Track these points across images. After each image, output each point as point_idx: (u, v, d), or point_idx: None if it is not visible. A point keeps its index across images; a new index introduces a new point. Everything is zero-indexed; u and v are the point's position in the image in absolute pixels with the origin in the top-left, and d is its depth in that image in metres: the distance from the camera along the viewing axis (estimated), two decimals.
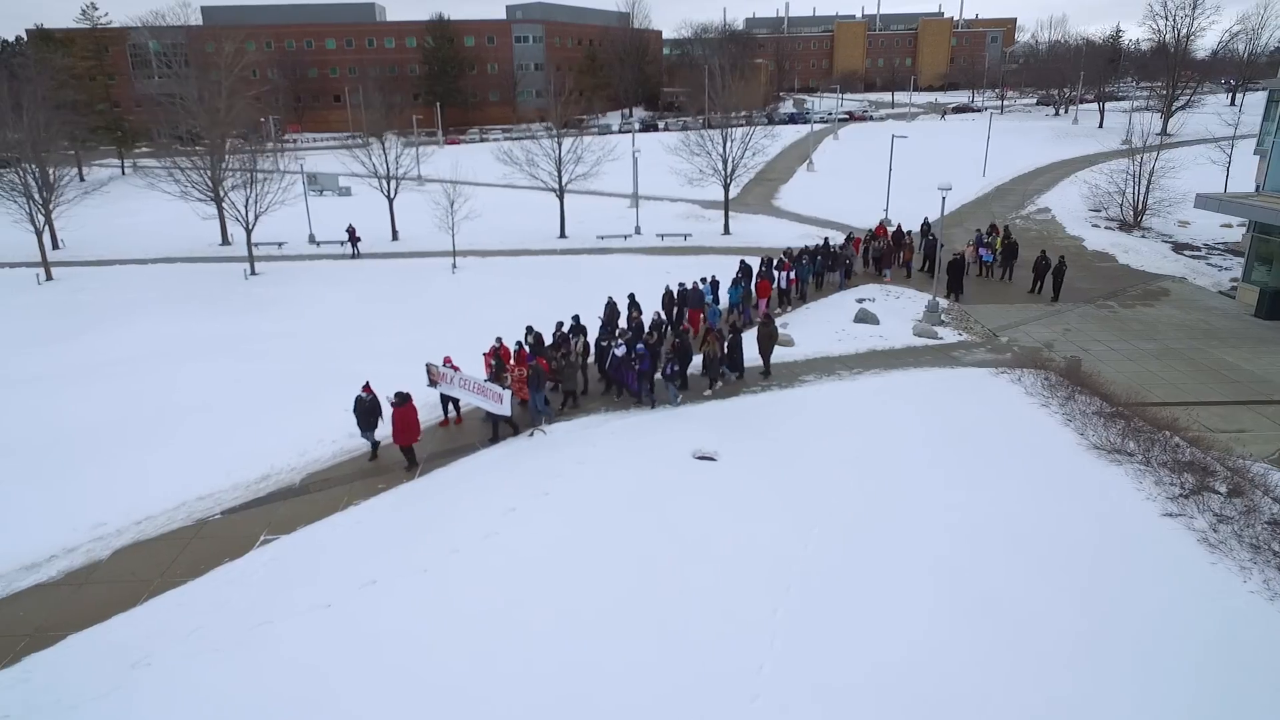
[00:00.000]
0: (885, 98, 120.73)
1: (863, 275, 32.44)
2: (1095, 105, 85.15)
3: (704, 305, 24.89)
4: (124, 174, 67.64)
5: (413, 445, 16.43)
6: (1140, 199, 40.59)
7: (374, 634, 11.20)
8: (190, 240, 38.95)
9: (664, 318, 24.25)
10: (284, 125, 73.33)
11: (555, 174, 38.71)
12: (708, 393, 20.40)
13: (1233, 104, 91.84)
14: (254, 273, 32.85)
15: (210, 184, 35.84)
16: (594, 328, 21.97)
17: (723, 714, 9.76)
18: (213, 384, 20.65)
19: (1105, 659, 10.57)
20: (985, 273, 32.61)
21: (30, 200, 32.85)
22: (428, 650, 10.85)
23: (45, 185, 33.70)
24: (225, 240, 38.31)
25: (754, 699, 10.02)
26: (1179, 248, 37.26)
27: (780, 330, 23.66)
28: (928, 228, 36.81)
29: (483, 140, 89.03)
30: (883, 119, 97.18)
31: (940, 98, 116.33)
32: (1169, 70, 67.60)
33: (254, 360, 22.42)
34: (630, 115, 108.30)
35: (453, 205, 32.41)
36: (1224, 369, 22.26)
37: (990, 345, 24.52)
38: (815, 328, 25.91)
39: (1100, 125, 77.27)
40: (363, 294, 29.75)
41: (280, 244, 37.00)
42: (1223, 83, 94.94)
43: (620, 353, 19.59)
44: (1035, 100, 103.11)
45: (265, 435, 17.23)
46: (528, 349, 19.96)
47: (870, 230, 36.32)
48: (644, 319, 22.52)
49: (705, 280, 26.05)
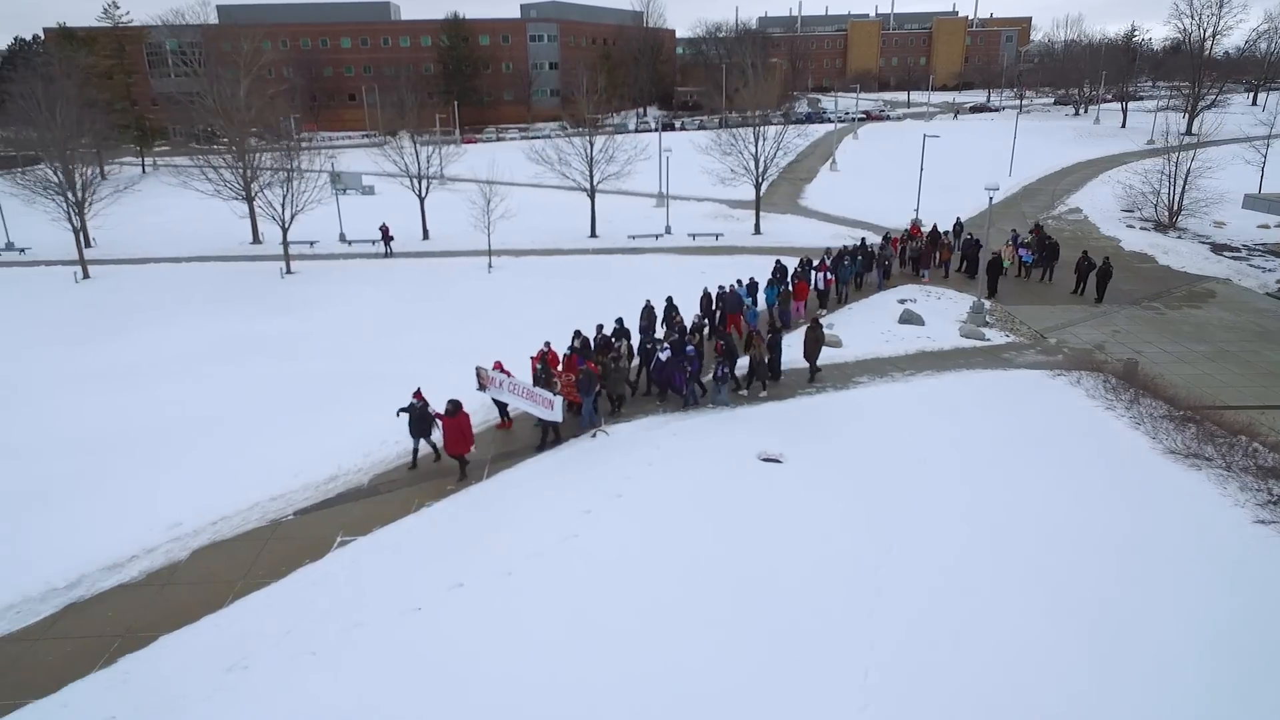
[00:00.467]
0: (899, 97, 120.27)
1: (899, 275, 32.23)
2: (1116, 105, 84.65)
3: (743, 308, 24.68)
4: (144, 172, 67.75)
5: (465, 455, 15.79)
6: (1176, 199, 40.22)
7: (467, 638, 11.07)
8: (220, 238, 38.91)
9: (704, 320, 24.11)
10: (302, 124, 73.31)
11: (587, 173, 38.53)
12: (744, 393, 20.19)
13: (1254, 104, 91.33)
14: (290, 271, 32.77)
15: (243, 182, 35.78)
16: (633, 331, 21.72)
17: None
18: (269, 383, 20.59)
19: (1233, 674, 10.34)
20: (1024, 273, 32.36)
21: (67, 199, 32.84)
22: (521, 655, 10.71)
23: (81, 184, 33.61)
24: (256, 239, 38.26)
25: (863, 709, 9.84)
26: (1218, 249, 36.90)
27: (827, 331, 23.50)
28: (960, 228, 36.62)
29: (499, 139, 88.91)
30: (900, 118, 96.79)
31: (956, 97, 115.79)
32: (1194, 69, 67.08)
33: (305, 360, 22.34)
34: (645, 114, 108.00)
35: (489, 205, 32.24)
36: None
37: (1040, 347, 24.30)
38: (861, 329, 25.71)
39: (1123, 125, 76.78)
40: (402, 293, 29.64)
41: (312, 243, 36.91)
42: (1243, 83, 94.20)
43: (665, 355, 19.45)
44: (1053, 100, 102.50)
45: (328, 435, 17.12)
46: (574, 353, 19.55)
47: (905, 230, 36.11)
48: (684, 322, 22.29)
49: (742, 282, 25.75)
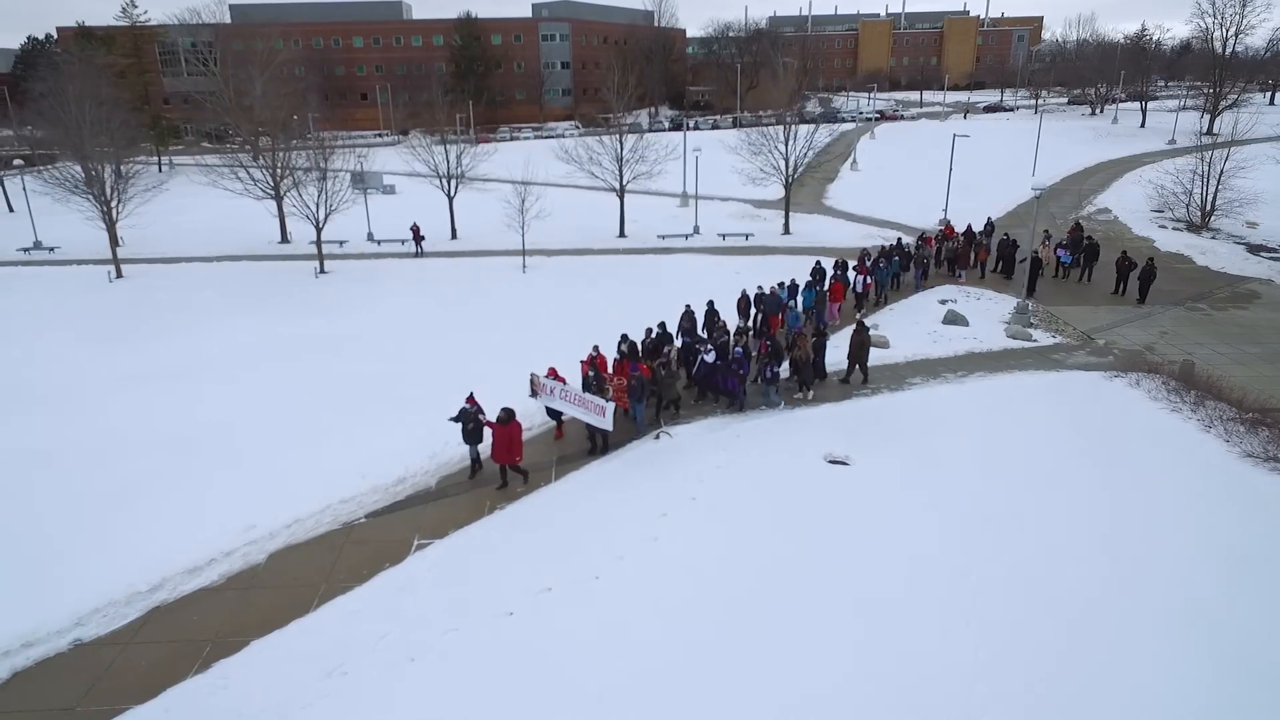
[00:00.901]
0: (911, 96, 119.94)
1: (935, 276, 31.99)
2: (1133, 104, 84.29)
3: (783, 309, 24.40)
4: (160, 171, 67.72)
5: (512, 465, 15.13)
6: (1209, 199, 39.93)
7: (563, 643, 10.89)
8: (247, 238, 38.77)
9: (746, 323, 23.88)
10: (318, 123, 73.30)
11: (617, 172, 38.34)
12: (797, 396, 19.96)
13: (1272, 103, 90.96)
14: (323, 271, 32.61)
15: (273, 181, 35.62)
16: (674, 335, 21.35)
17: None
18: (323, 384, 20.44)
19: None
20: (1063, 274, 32.11)
21: (102, 197, 32.71)
22: (617, 661, 10.53)
23: (112, 183, 33.47)
24: (285, 238, 38.10)
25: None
26: (1254, 249, 36.63)
27: (873, 332, 23.27)
28: (992, 228, 36.39)
29: (513, 139, 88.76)
30: (914, 118, 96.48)
31: (970, 97, 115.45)
32: (1216, 69, 66.76)
33: (356, 360, 22.18)
34: (656, 113, 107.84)
35: (523, 205, 32.06)
36: None
37: (1089, 348, 24.05)
38: (906, 329, 25.48)
39: (1142, 125, 76.46)
40: (441, 293, 29.46)
41: (341, 242, 36.73)
42: (1259, 83, 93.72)
43: (710, 358, 19.24)
44: (1067, 100, 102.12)
45: (390, 437, 16.94)
46: (623, 357, 19.18)
47: (939, 230, 35.89)
48: (726, 325, 22.00)
49: (784, 285, 25.46)
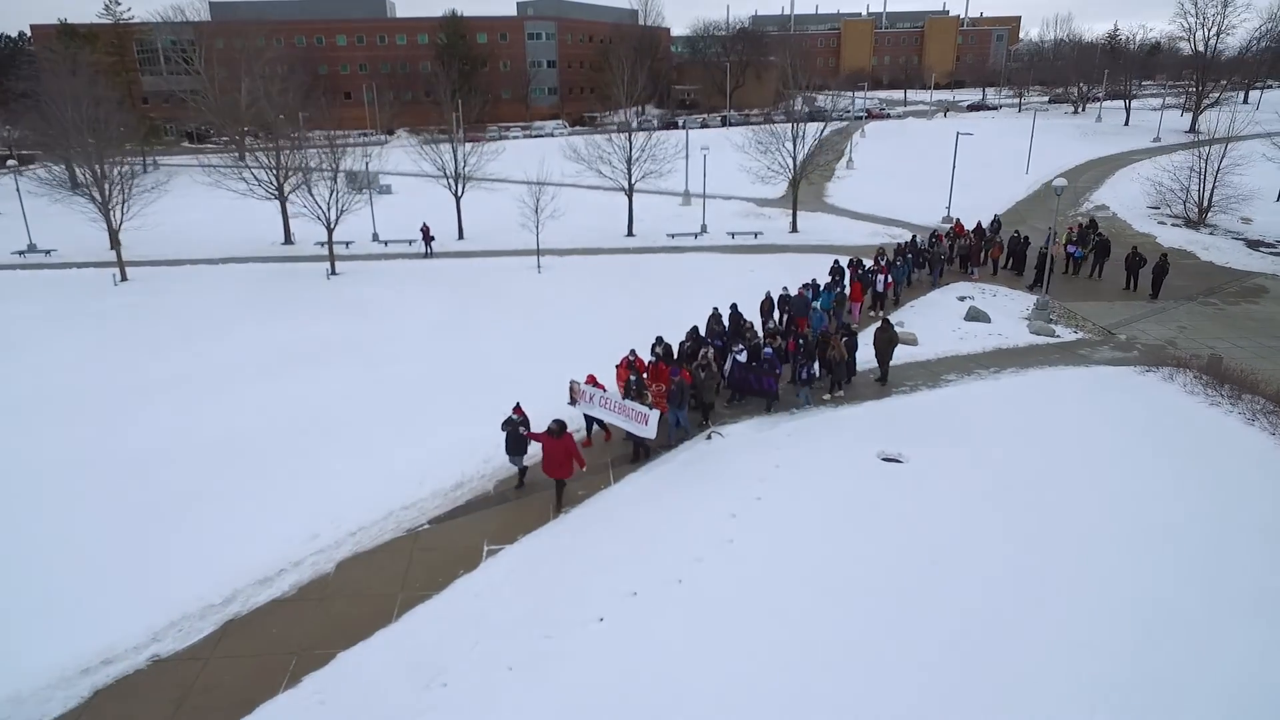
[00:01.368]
0: (895, 95, 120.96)
1: (948, 273, 32.19)
2: (1115, 103, 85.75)
3: (809, 311, 24.32)
4: (144, 170, 66.30)
5: (565, 479, 14.41)
6: (1207, 196, 40.67)
7: (655, 648, 10.71)
8: (249, 239, 37.99)
9: (769, 324, 23.75)
10: (308, 123, 72.39)
11: (625, 171, 38.16)
12: (826, 396, 19.91)
13: (1246, 102, 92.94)
14: (335, 272, 32.06)
15: (276, 182, 34.95)
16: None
17: None
18: (362, 388, 20.08)
19: None
20: (1073, 270, 32.47)
21: (103, 199, 31.89)
22: (712, 665, 10.39)
23: (111, 183, 32.62)
24: (288, 240, 37.40)
25: None
26: (1253, 244, 37.37)
27: (900, 329, 23.30)
28: (999, 224, 36.77)
29: (501, 138, 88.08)
30: (901, 116, 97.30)
31: (955, 95, 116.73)
32: (1198, 68, 68.10)
33: (390, 364, 21.79)
34: (643, 112, 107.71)
35: (538, 204, 31.79)
36: None
37: (1112, 344, 24.32)
38: (930, 326, 25.57)
39: (1126, 123, 77.83)
40: (460, 294, 29.09)
41: (348, 243, 36.16)
42: (1234, 82, 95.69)
43: (742, 358, 19.15)
44: (1048, 99, 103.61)
45: (440, 441, 16.62)
46: (660, 360, 18.68)
47: (950, 228, 36.15)
48: (754, 327, 21.81)
49: (809, 285, 25.38)
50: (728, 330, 21.86)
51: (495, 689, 10.05)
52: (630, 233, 39.35)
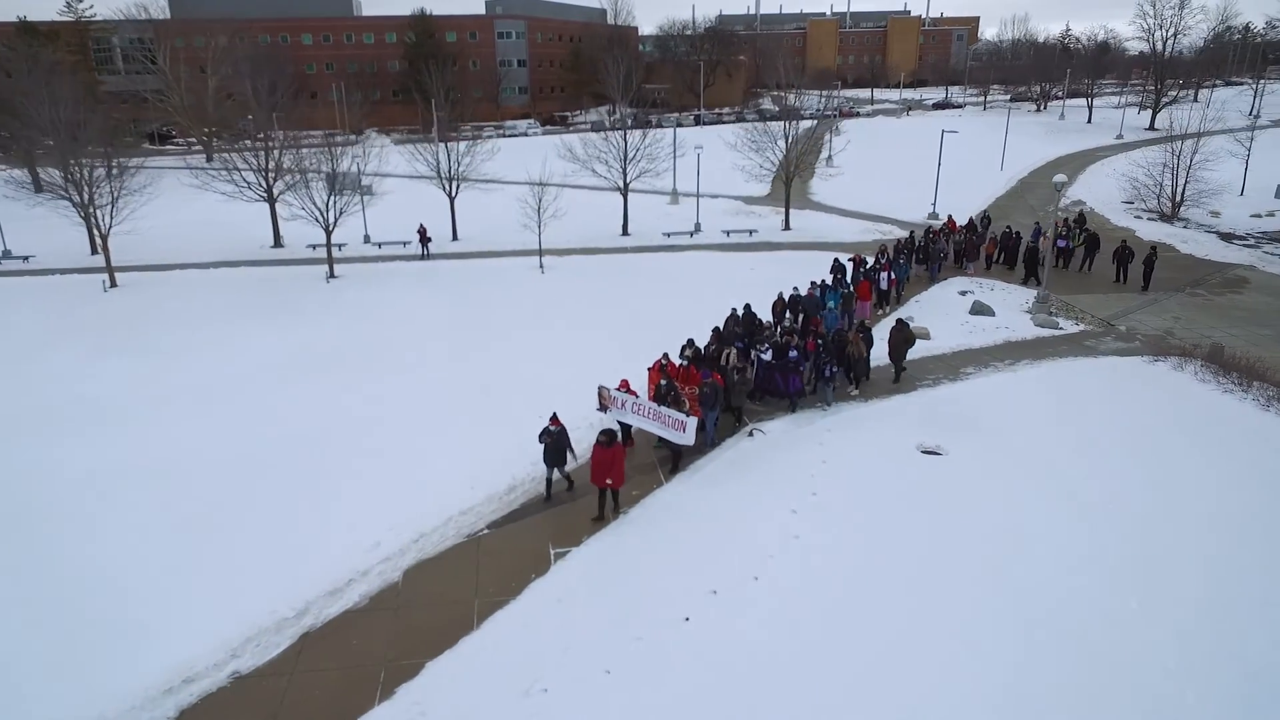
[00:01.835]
0: (862, 94, 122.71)
1: (944, 268, 32.78)
2: (1076, 101, 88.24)
3: (821, 310, 24.52)
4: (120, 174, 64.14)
5: (615, 491, 14.11)
6: (1179, 191, 42.09)
7: (749, 646, 10.74)
8: (236, 242, 36.98)
9: (782, 324, 23.90)
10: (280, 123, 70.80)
11: (621, 171, 38.09)
12: (854, 392, 20.14)
13: (1196, 100, 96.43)
14: (334, 276, 31.38)
15: (265, 184, 34.07)
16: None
17: None
18: (393, 394, 19.69)
19: None
20: (1063, 263, 33.31)
21: (85, 202, 30.73)
22: (811, 662, 10.47)
23: (94, 185, 31.47)
24: (278, 243, 36.49)
25: None
26: (1225, 237, 38.78)
27: (912, 324, 23.66)
28: (989, 220, 37.63)
29: (475, 138, 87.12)
30: (871, 115, 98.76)
31: (922, 95, 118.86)
32: (1156, 68, 70.45)
33: (407, 368, 21.45)
34: (614, 111, 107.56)
35: (540, 204, 31.56)
36: None
37: (1114, 334, 25.04)
38: (939, 321, 26.02)
39: (1089, 121, 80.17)
40: (468, 296, 28.70)
41: (340, 246, 35.34)
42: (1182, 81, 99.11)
43: (768, 358, 19.29)
44: (1010, 97, 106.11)
45: (485, 445, 16.43)
46: (691, 363, 18.40)
47: (943, 224, 36.82)
48: (772, 328, 21.91)
49: (817, 284, 25.53)
50: (745, 330, 21.98)
51: (597, 693, 9.97)
52: (625, 232, 39.29)
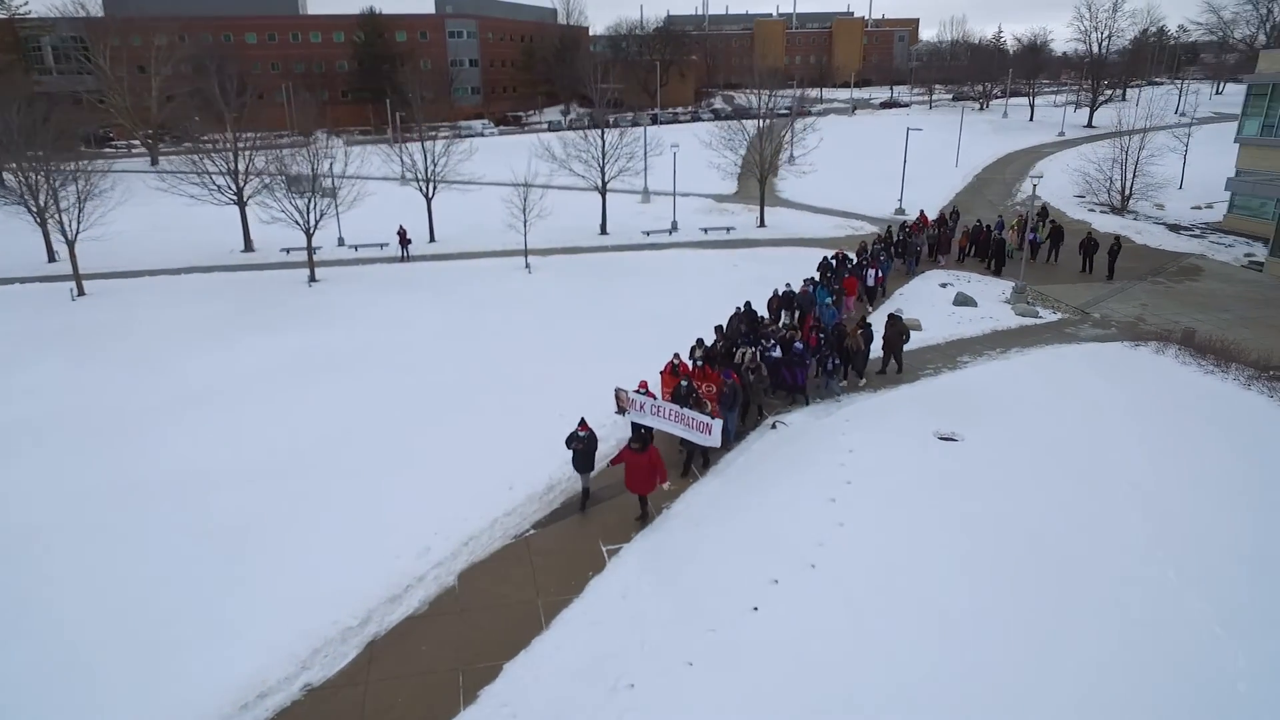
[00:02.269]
0: (811, 94, 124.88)
1: (922, 262, 33.76)
2: (1018, 100, 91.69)
3: (817, 307, 25.00)
4: (75, 178, 61.13)
5: (647, 496, 13.93)
6: (1128, 185, 44.23)
7: (821, 633, 10.95)
8: (204, 247, 35.67)
9: (792, 320, 24.31)
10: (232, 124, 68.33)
11: (600, 170, 38.08)
12: (862, 383, 20.69)
13: (1124, 99, 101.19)
14: (315, 279, 30.54)
15: (235, 187, 32.96)
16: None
17: None
18: (398, 396, 19.35)
19: None
20: (1031, 255, 34.59)
21: (46, 209, 29.22)
22: (883, 647, 10.73)
23: (52, 191, 29.99)
24: (249, 247, 35.31)
25: None
26: (1173, 228, 40.85)
27: (904, 317, 24.31)
28: (957, 215, 38.90)
29: (434, 138, 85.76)
30: (823, 114, 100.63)
31: (871, 95, 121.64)
32: (1093, 67, 73.76)
33: (420, 371, 21.05)
34: (569, 111, 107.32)
35: (525, 204, 31.35)
36: None
37: (1090, 322, 26.17)
38: (926, 313, 26.78)
39: (1031, 119, 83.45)
40: (458, 297, 28.33)
41: (315, 249, 34.45)
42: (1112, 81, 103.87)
43: (777, 354, 19.65)
44: (952, 96, 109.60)
45: (517, 445, 16.27)
46: (706, 363, 18.26)
47: (915, 220, 37.88)
48: (773, 327, 22.23)
49: (810, 281, 25.95)
50: (747, 328, 22.26)
51: (683, 686, 10.04)
52: (604, 231, 39.30)
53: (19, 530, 13.87)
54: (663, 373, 17.90)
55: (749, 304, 22.81)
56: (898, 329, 21.52)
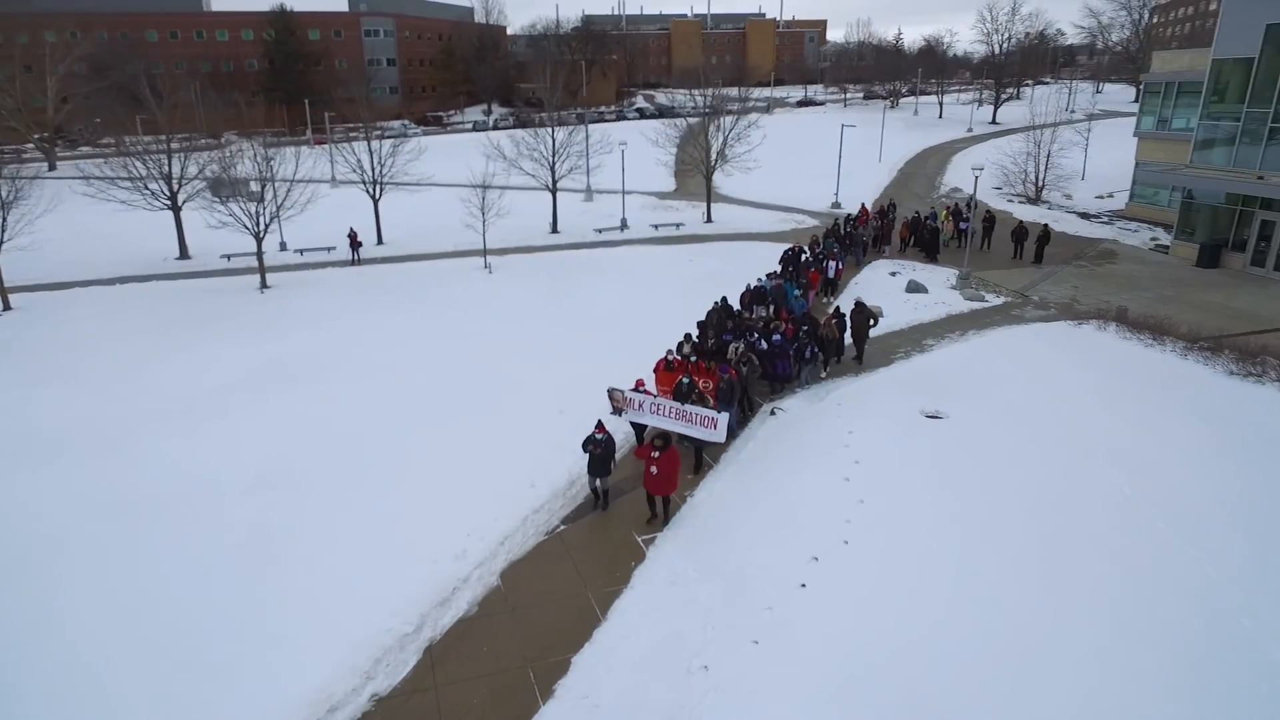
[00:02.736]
0: (729, 93, 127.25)
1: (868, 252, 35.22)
2: (927, 98, 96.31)
3: (789, 299, 25.79)
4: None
5: (668, 497, 13.87)
6: (1042, 176, 47.34)
7: (872, 607, 11.40)
8: (135, 255, 33.49)
9: (768, 313, 24.93)
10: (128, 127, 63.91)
11: (550, 168, 37.94)
12: (823, 374, 21.40)
13: (1018, 97, 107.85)
14: (266, 286, 29.19)
15: (169, 191, 31.14)
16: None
17: None
18: (389, 400, 18.90)
19: None
20: (964, 244, 36.62)
21: None
22: (935, 616, 11.26)
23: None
24: (184, 254, 33.38)
25: None
26: (1084, 216, 43.98)
27: (869, 304, 25.42)
28: (895, 207, 40.73)
29: (351, 140, 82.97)
30: (745, 111, 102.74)
31: (789, 95, 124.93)
32: (995, 68, 78.35)
33: (395, 375, 20.56)
34: (490, 111, 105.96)
35: (484, 204, 30.95)
36: (1219, 308, 26.96)
37: (1031, 304, 27.97)
38: (882, 300, 27.78)
39: (940, 116, 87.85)
40: (424, 299, 27.68)
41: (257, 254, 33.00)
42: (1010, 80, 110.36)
43: (763, 347, 20.32)
44: (863, 95, 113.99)
45: (526, 444, 16.22)
46: (700, 359, 18.49)
47: (856, 213, 39.41)
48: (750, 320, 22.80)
49: (774, 275, 26.61)
50: (733, 323, 22.76)
51: (753, 664, 10.34)
52: (555, 230, 39.17)
53: (30, 547, 12.92)
54: (656, 369, 18.02)
55: (725, 299, 23.30)
56: (863, 317, 22.45)
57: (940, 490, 14.55)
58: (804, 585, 11.89)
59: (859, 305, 22.62)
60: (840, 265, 29.94)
